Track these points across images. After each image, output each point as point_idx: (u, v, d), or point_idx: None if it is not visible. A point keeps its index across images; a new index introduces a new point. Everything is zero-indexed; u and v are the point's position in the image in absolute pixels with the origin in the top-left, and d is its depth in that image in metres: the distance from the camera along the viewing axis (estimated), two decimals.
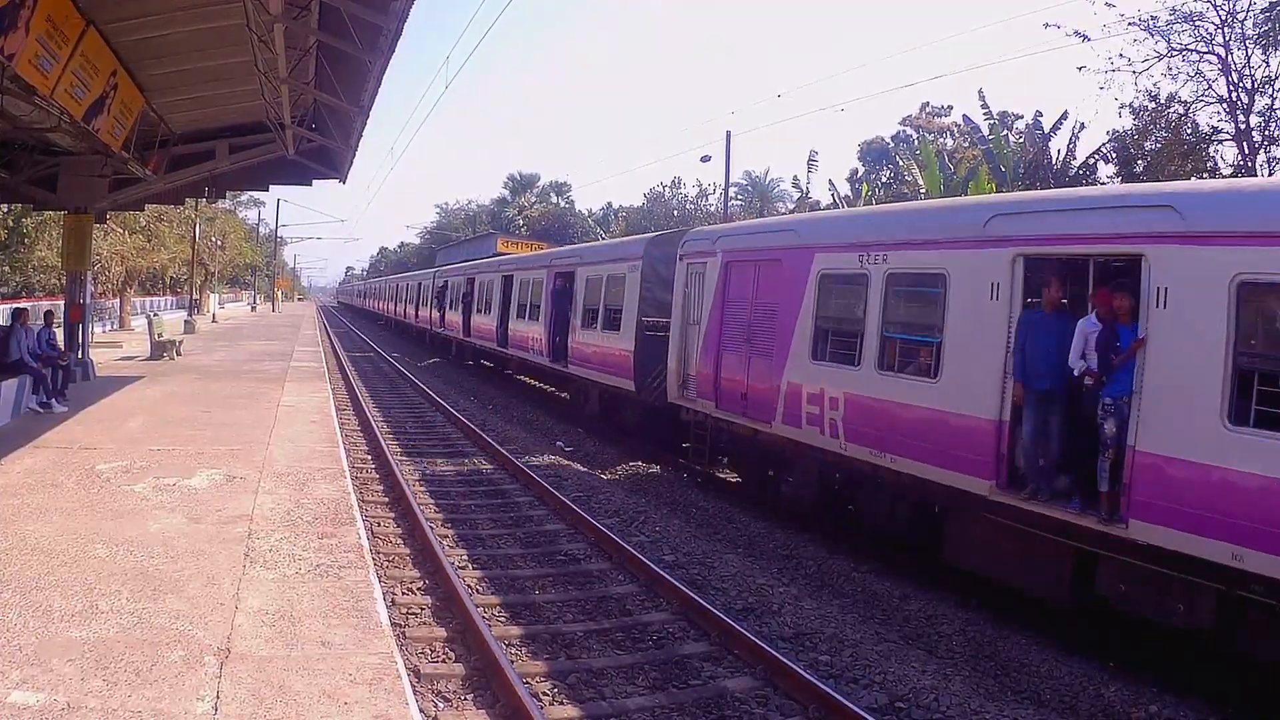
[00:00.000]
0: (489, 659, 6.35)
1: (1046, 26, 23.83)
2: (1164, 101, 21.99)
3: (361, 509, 9.69)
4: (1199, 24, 20.68)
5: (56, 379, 14.62)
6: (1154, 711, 6.35)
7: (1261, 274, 6.18)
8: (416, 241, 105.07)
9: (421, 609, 7.54)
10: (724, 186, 37.44)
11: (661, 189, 57.00)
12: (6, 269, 34.89)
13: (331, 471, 10.57)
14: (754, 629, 7.40)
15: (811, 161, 41.00)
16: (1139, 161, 22.91)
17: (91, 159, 16.91)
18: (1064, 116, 26.35)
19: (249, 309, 73.13)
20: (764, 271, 11.69)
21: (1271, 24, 19.57)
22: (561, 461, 14.29)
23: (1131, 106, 22.64)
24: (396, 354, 35.22)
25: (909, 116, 49.61)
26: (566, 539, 10.03)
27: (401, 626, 7.03)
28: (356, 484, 11.20)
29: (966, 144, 36.66)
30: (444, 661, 6.56)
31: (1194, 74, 21.24)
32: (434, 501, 11.38)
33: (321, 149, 18.01)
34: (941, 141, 42.84)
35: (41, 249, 32.95)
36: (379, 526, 9.92)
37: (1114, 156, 24.54)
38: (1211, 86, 21.14)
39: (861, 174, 46.88)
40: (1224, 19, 20.27)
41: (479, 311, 27.72)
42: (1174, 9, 20.82)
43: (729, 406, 12.05)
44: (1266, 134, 20.61)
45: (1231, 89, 20.62)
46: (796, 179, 45.39)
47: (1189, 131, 21.85)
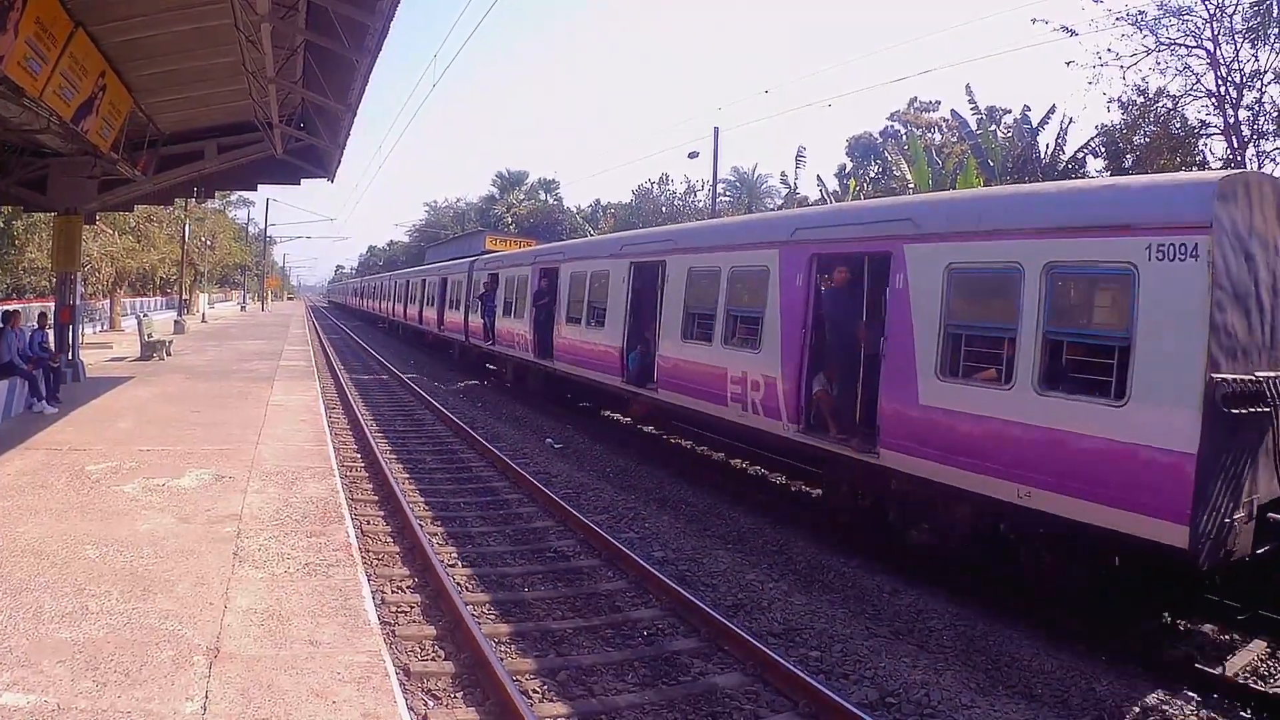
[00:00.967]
0: (478, 656, 6.37)
1: (1034, 22, 23.92)
2: (1152, 96, 22.07)
3: (350, 507, 9.69)
4: (1187, 19, 20.78)
5: (47, 380, 14.58)
6: (1149, 704, 6.38)
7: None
8: (406, 240, 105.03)
9: (411, 607, 7.55)
10: (712, 183, 37.44)
11: (650, 186, 57.10)
12: None
13: (320, 470, 10.56)
14: (744, 625, 7.44)
15: (799, 158, 40.93)
16: (1128, 156, 22.99)
17: (81, 160, 16.85)
18: (1051, 111, 26.48)
19: (239, 309, 72.88)
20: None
21: (1259, 18, 19.67)
22: None
23: (1120, 101, 22.71)
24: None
25: (897, 112, 49.84)
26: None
27: (391, 625, 7.05)
28: (345, 482, 11.21)
29: (955, 139, 36.76)
30: (433, 659, 6.57)
31: (1182, 68, 21.34)
32: (423, 500, 11.39)
33: (310, 148, 17.96)
34: (930, 137, 42.95)
35: (31, 250, 32.85)
36: (368, 525, 9.92)
37: (1103, 151, 24.64)
38: (1200, 81, 21.25)
39: (850, 169, 47.04)
40: (1212, 13, 20.37)
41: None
42: (1162, 4, 20.93)
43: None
44: (1255, 128, 20.70)
45: (1220, 83, 20.72)
46: (784, 175, 45.56)
47: (1178, 126, 21.94)
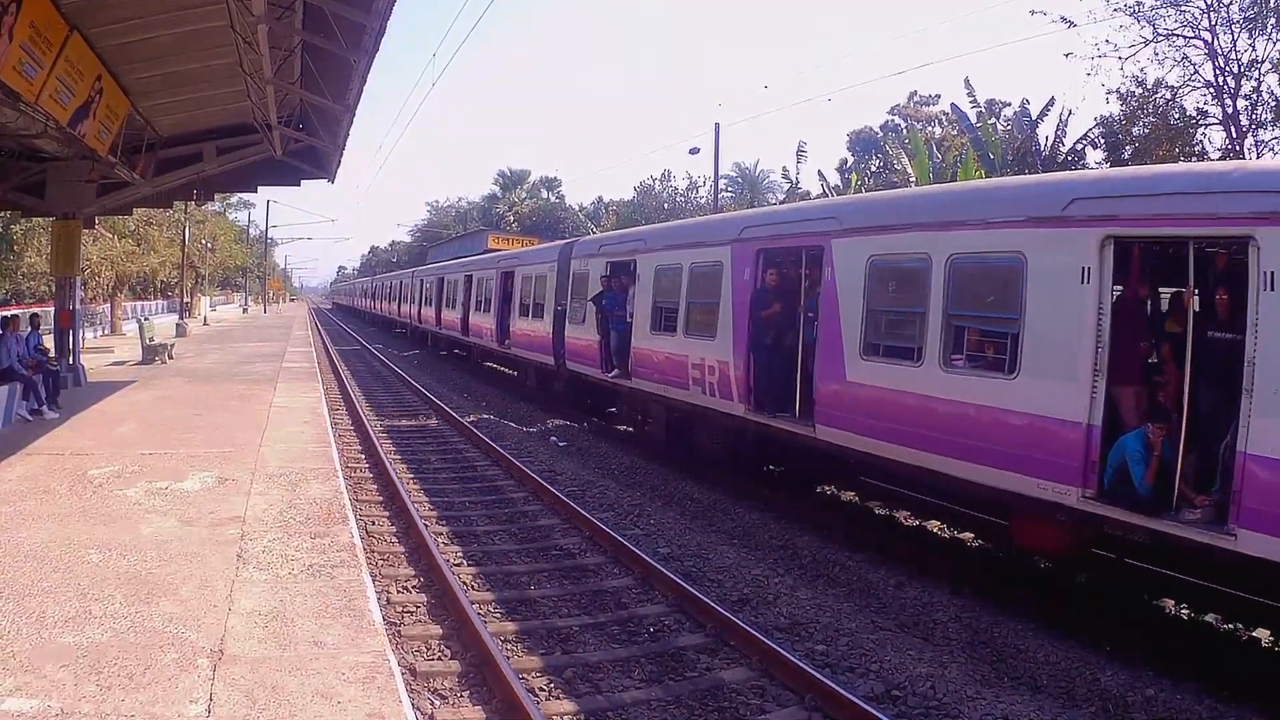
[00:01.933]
0: (484, 655, 6.35)
1: (1033, 14, 23.85)
2: (1151, 86, 22.03)
3: (355, 508, 9.68)
4: (1184, 9, 20.75)
5: (48, 385, 14.57)
6: (1150, 695, 6.35)
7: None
8: (408, 240, 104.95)
9: (416, 606, 7.54)
10: (713, 179, 37.40)
11: (652, 182, 57.04)
12: None
13: (324, 471, 10.54)
14: (750, 620, 7.42)
15: (800, 152, 40.93)
16: (1127, 147, 22.95)
17: (78, 164, 16.80)
18: (1051, 103, 26.41)
19: (241, 311, 72.88)
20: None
21: (1256, 7, 19.61)
22: None
23: (1119, 92, 22.68)
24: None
25: (897, 106, 49.87)
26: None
27: (396, 624, 7.04)
28: (349, 483, 11.20)
29: (955, 132, 36.72)
30: (439, 659, 6.56)
31: (1180, 59, 21.30)
32: (428, 499, 11.38)
33: (309, 149, 17.93)
34: (930, 130, 42.94)
35: (30, 255, 32.87)
36: (372, 525, 9.92)
37: (1102, 142, 24.58)
38: (1198, 71, 21.20)
39: (851, 164, 46.97)
40: (1209, 3, 20.34)
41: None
42: None
43: None
44: (1253, 117, 20.66)
45: (1218, 73, 20.68)
46: (786, 170, 45.48)
47: (1176, 116, 21.89)
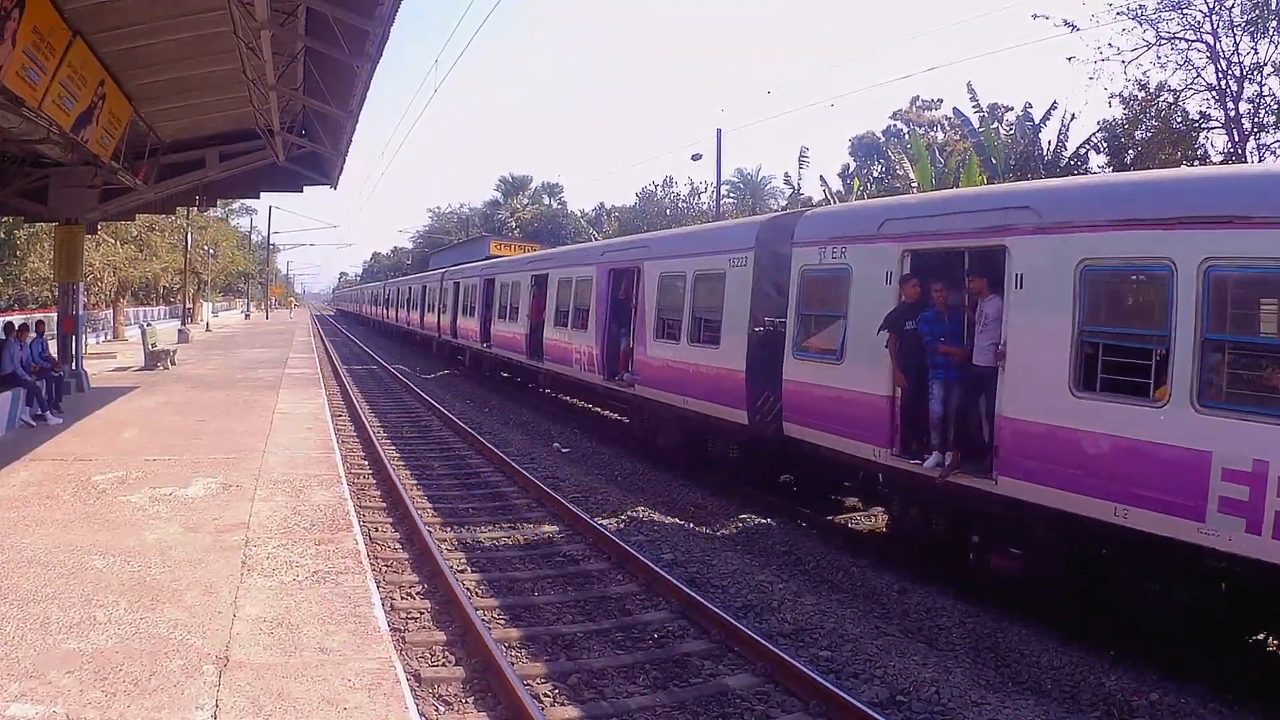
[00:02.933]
0: (489, 661, 6.34)
1: (1035, 18, 23.84)
2: (1153, 90, 21.99)
3: (358, 514, 9.67)
4: (1187, 12, 20.70)
5: (50, 391, 14.59)
6: (1155, 699, 6.34)
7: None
8: (410, 246, 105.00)
9: (421, 613, 7.54)
10: (716, 185, 37.43)
11: (654, 188, 57.09)
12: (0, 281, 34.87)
13: (328, 478, 10.54)
14: (754, 626, 7.41)
15: (802, 158, 40.88)
16: (1129, 151, 22.92)
17: (81, 170, 16.86)
18: (1053, 107, 26.41)
19: (243, 317, 72.95)
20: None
21: (1259, 10, 19.60)
22: None
23: (1121, 96, 22.60)
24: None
25: (899, 111, 49.89)
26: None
27: (401, 631, 7.03)
28: (353, 490, 11.19)
29: (957, 137, 36.73)
30: (444, 665, 6.55)
31: (1183, 62, 21.22)
32: (431, 506, 11.37)
33: (312, 155, 17.96)
34: (932, 135, 42.95)
35: (34, 261, 32.94)
36: (376, 532, 9.91)
37: (1105, 146, 24.56)
38: (1200, 74, 21.14)
39: (853, 169, 46.99)
40: (1212, 6, 20.28)
41: None
42: None
43: None
44: (1256, 120, 20.62)
45: (1220, 76, 20.64)
46: (788, 176, 45.55)
47: (1179, 120, 21.86)
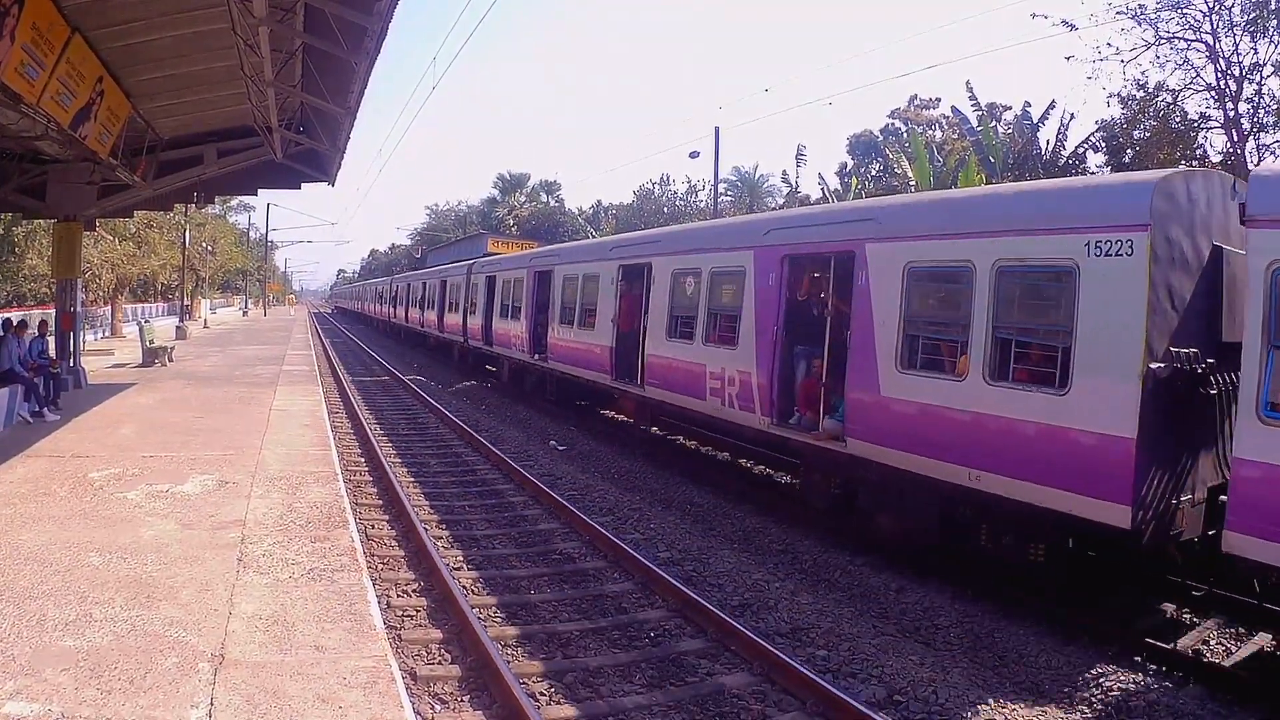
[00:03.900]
0: (485, 659, 6.34)
1: (1034, 16, 23.83)
2: (1152, 90, 21.98)
3: (355, 512, 9.66)
4: (1186, 12, 20.69)
5: (48, 387, 14.58)
6: (1152, 700, 6.35)
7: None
8: (408, 243, 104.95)
9: (417, 611, 7.53)
10: (713, 183, 37.41)
11: (651, 186, 57.09)
12: None
13: (324, 475, 10.54)
14: (751, 625, 7.40)
15: (800, 156, 40.92)
16: (1128, 150, 22.92)
17: (80, 166, 16.85)
18: (1052, 106, 26.43)
19: (241, 314, 72.86)
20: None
21: (1258, 10, 19.60)
22: None
23: (1120, 95, 22.61)
24: None
25: (897, 109, 49.91)
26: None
27: (397, 629, 7.02)
28: (349, 487, 11.18)
29: (955, 136, 36.72)
30: (440, 663, 6.54)
31: (1182, 62, 21.20)
32: (428, 503, 11.36)
33: (310, 152, 17.94)
34: (930, 134, 42.93)
35: (32, 257, 32.89)
36: (373, 529, 9.90)
37: (1103, 146, 24.57)
38: (1199, 74, 21.12)
39: (851, 167, 47.01)
40: (1211, 6, 20.27)
41: None
42: None
43: None
44: (1255, 121, 20.62)
45: (1219, 76, 20.62)
46: (786, 174, 45.53)
47: (1177, 120, 21.85)
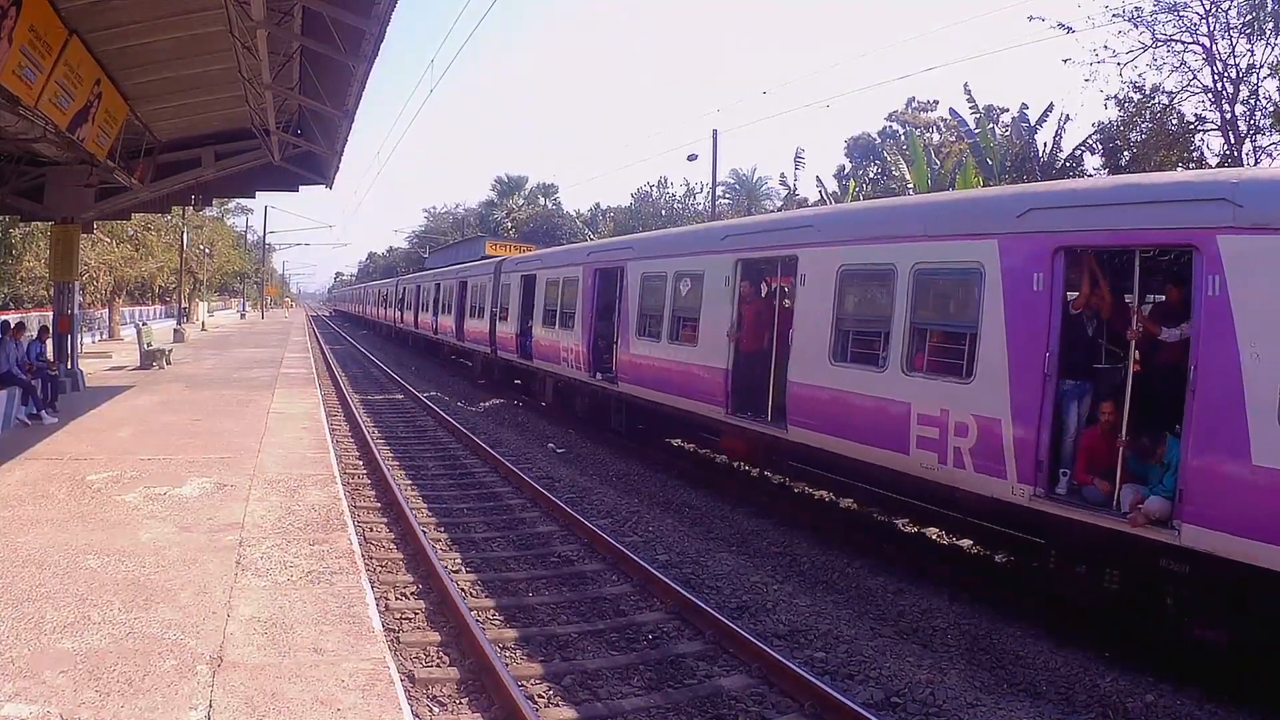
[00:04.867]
0: (483, 662, 6.34)
1: (1031, 19, 23.89)
2: (1149, 92, 22.03)
3: (353, 514, 9.66)
4: (1183, 14, 20.73)
5: (46, 390, 14.56)
6: (1150, 701, 6.36)
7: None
8: (406, 246, 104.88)
9: (415, 613, 7.53)
10: (711, 185, 37.44)
11: (649, 189, 57.09)
12: None
13: (322, 478, 10.53)
14: (749, 627, 7.41)
15: (798, 159, 40.97)
16: (1125, 153, 22.96)
17: (77, 169, 16.83)
18: (1049, 109, 26.46)
19: (239, 317, 72.80)
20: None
21: (1255, 13, 19.65)
22: None
23: (1117, 98, 22.65)
24: None
25: (895, 112, 49.85)
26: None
27: (395, 631, 7.03)
28: (348, 490, 11.18)
29: (953, 138, 36.75)
30: (438, 665, 6.55)
31: (1178, 64, 21.24)
32: (426, 506, 11.36)
33: (307, 155, 17.93)
34: (928, 136, 42.95)
35: (29, 260, 32.83)
36: (371, 532, 9.89)
37: (1100, 148, 24.60)
38: (1196, 76, 21.17)
39: (849, 170, 47.01)
40: (1208, 9, 20.31)
41: None
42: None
43: None
44: (1251, 123, 20.67)
45: (1216, 79, 20.66)
46: (784, 177, 45.57)
47: (1174, 122, 21.90)
